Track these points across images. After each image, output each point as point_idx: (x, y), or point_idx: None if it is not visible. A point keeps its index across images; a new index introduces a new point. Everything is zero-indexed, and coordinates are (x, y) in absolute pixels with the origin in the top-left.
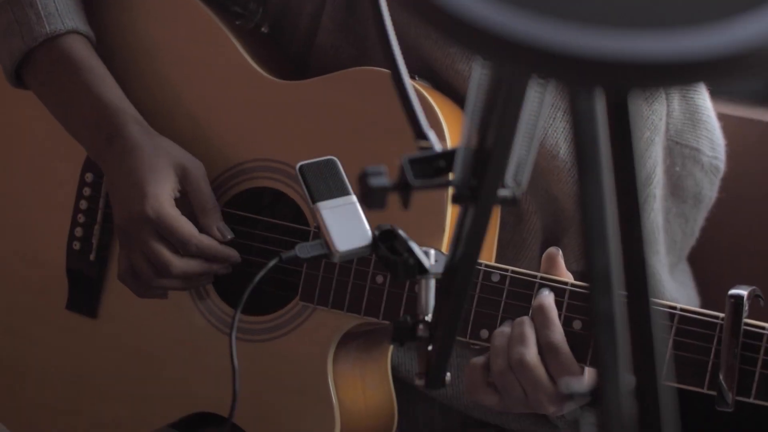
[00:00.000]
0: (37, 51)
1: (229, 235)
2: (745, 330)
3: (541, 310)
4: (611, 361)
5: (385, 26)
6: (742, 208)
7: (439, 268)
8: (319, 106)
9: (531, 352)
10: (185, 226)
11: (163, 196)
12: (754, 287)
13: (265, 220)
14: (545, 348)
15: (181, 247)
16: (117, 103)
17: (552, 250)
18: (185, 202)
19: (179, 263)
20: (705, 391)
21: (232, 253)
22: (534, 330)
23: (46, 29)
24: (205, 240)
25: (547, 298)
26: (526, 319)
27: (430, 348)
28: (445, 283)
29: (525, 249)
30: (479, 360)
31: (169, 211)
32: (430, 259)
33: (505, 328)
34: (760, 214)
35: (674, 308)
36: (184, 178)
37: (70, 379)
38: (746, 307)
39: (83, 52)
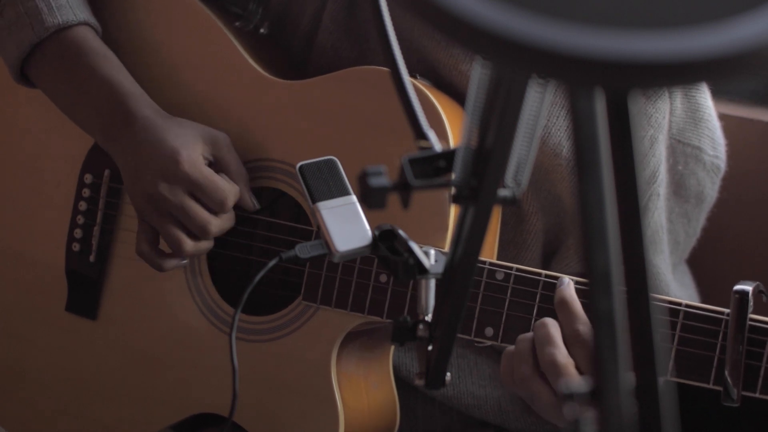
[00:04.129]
0: (46, 42)
1: (258, 206)
2: (750, 325)
3: (564, 303)
4: (611, 361)
5: (386, 27)
6: (742, 208)
7: (439, 268)
8: (320, 106)
9: (561, 352)
10: (224, 183)
11: (198, 158)
12: (758, 283)
13: (267, 220)
14: (572, 340)
15: (219, 204)
16: (134, 90)
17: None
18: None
19: (217, 221)
20: (710, 386)
21: (250, 200)
22: (558, 328)
23: (59, 20)
24: (238, 193)
25: (568, 289)
26: (548, 320)
27: (430, 348)
28: (445, 283)
29: (526, 249)
30: (510, 350)
31: (207, 169)
32: (430, 259)
33: (527, 334)
34: (760, 215)
35: (679, 304)
36: (213, 145)
37: (70, 381)
38: (751, 303)
39: (95, 41)
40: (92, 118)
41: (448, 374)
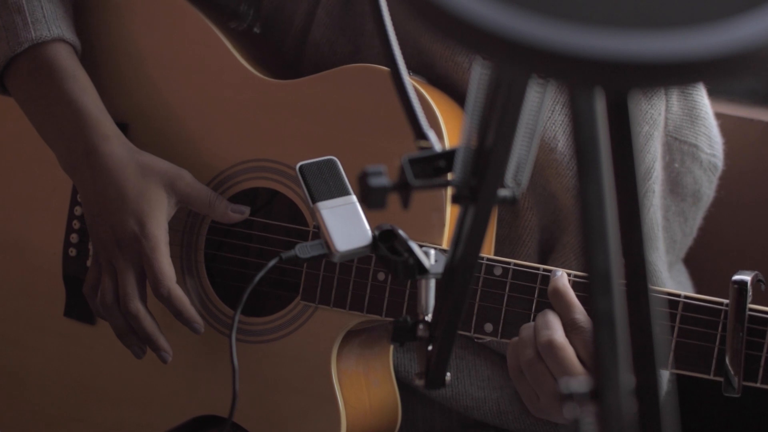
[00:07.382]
0: (21, 57)
1: (247, 211)
2: (749, 315)
3: (557, 293)
4: (611, 361)
5: (386, 26)
6: (740, 208)
7: (439, 268)
8: (314, 104)
9: (558, 334)
10: (168, 267)
11: (161, 228)
12: (756, 272)
13: (264, 221)
14: (569, 327)
15: (154, 282)
16: (98, 114)
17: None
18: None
19: (140, 305)
20: (711, 377)
21: (197, 319)
22: (558, 317)
23: (32, 35)
24: (179, 290)
25: (561, 279)
26: (548, 310)
27: (430, 348)
28: (445, 283)
29: (521, 245)
30: (514, 340)
31: (162, 248)
32: (430, 259)
33: (531, 323)
34: (759, 215)
35: (678, 296)
36: (173, 190)
37: (70, 386)
38: (750, 293)
39: (67, 60)
40: (56, 139)
41: (448, 374)
